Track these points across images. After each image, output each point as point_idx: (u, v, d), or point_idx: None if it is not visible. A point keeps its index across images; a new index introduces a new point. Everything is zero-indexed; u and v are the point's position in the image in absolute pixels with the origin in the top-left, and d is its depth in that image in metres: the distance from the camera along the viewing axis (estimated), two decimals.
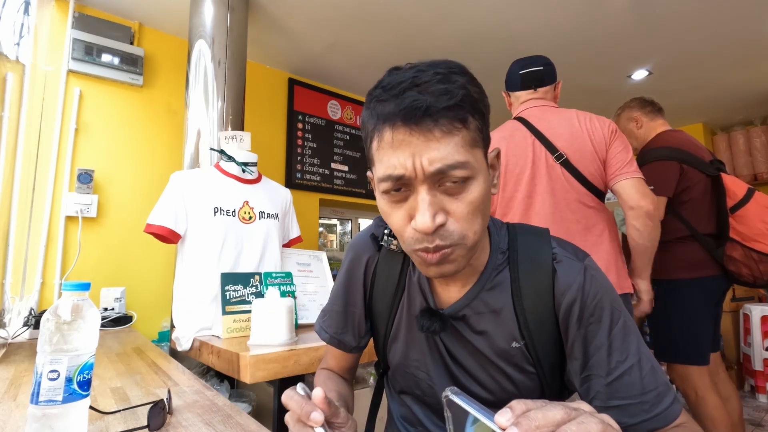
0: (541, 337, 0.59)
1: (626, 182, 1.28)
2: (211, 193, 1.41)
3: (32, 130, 1.92)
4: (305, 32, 2.41)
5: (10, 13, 1.76)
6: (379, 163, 0.51)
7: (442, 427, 0.67)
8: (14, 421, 0.65)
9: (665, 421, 0.52)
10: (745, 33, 2.42)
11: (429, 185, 0.48)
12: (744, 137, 3.81)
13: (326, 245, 3.84)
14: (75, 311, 0.54)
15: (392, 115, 0.48)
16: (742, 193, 1.59)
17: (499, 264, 0.61)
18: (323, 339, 0.76)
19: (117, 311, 1.72)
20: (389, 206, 0.52)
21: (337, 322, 0.74)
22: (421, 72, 0.48)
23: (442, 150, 0.47)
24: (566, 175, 1.30)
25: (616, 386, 0.54)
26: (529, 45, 2.48)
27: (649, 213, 1.29)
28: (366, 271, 0.71)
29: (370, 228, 0.73)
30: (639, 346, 0.56)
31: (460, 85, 0.48)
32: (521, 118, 1.40)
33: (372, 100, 0.51)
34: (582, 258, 0.60)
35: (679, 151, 1.62)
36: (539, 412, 0.29)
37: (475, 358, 0.62)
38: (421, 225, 0.48)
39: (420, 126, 0.47)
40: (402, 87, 0.48)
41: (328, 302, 0.77)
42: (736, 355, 3.13)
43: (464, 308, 0.61)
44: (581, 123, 1.33)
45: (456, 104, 0.47)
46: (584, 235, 1.29)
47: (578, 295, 0.57)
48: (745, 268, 1.55)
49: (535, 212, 1.31)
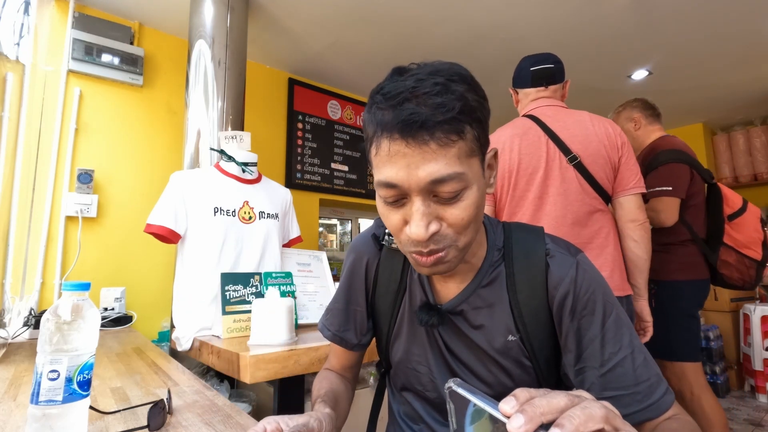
0: (535, 331, 0.61)
1: (633, 197, 1.32)
2: (211, 193, 1.41)
3: (32, 130, 1.92)
4: (305, 32, 2.41)
5: (10, 13, 1.76)
6: (376, 169, 0.52)
7: (443, 422, 0.67)
8: (14, 421, 0.65)
9: (658, 411, 0.53)
10: (745, 33, 2.42)
11: (423, 196, 0.50)
12: (744, 137, 3.81)
13: (326, 245, 3.84)
14: (75, 311, 0.54)
15: (390, 126, 0.48)
16: (740, 202, 1.69)
17: (495, 260, 0.63)
18: (326, 336, 0.78)
19: (117, 311, 1.72)
20: (386, 209, 0.54)
21: (340, 320, 0.76)
22: (421, 82, 0.48)
23: (437, 163, 0.48)
24: (579, 178, 1.30)
25: (610, 377, 0.55)
26: (529, 45, 2.48)
27: (645, 225, 1.34)
28: (367, 270, 0.73)
29: (371, 228, 0.75)
30: (632, 338, 0.57)
31: (458, 96, 0.48)
32: (533, 116, 1.38)
33: (373, 105, 0.52)
34: (574, 253, 0.62)
35: (688, 156, 1.68)
36: (543, 399, 0.29)
37: (473, 353, 0.64)
38: (415, 235, 0.50)
39: (416, 139, 0.47)
40: (401, 98, 0.48)
41: (331, 301, 0.79)
42: (736, 355, 3.13)
43: (462, 303, 0.63)
44: (595, 126, 1.33)
45: (452, 117, 0.47)
46: (592, 238, 1.29)
47: (571, 288, 0.58)
48: (737, 272, 1.66)
49: (545, 213, 1.30)
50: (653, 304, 1.66)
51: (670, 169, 1.63)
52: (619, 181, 1.33)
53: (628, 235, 1.33)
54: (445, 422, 0.67)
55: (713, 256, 1.65)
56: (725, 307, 3.16)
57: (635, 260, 1.35)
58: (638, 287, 1.38)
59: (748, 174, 3.78)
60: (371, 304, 0.74)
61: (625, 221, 1.33)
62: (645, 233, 1.34)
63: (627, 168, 1.33)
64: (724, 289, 3.03)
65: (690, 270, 1.65)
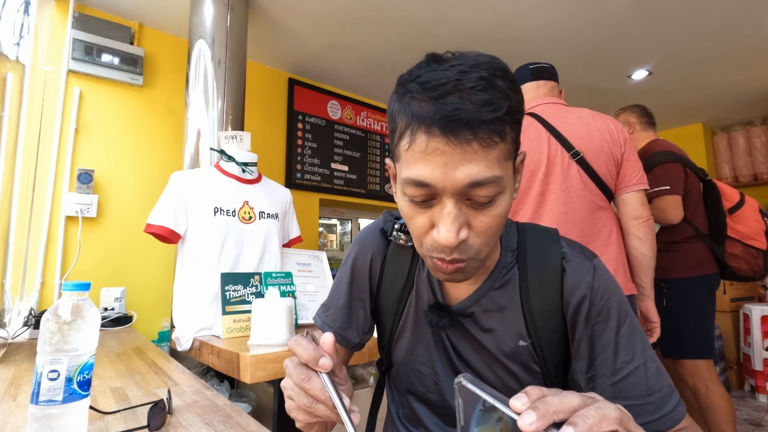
0: (547, 336, 0.59)
1: (636, 193, 1.32)
2: (211, 193, 1.41)
3: (32, 130, 1.92)
4: (305, 32, 2.41)
5: (10, 13, 1.77)
6: (406, 164, 0.48)
7: (443, 427, 0.66)
8: (14, 421, 0.65)
9: (670, 423, 0.52)
10: (745, 33, 2.42)
11: (456, 198, 0.46)
12: (744, 137, 3.81)
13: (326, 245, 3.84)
14: (75, 311, 0.54)
15: (429, 120, 0.44)
16: (737, 196, 1.74)
17: (509, 262, 0.61)
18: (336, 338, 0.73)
19: (117, 311, 1.72)
20: (411, 209, 0.50)
21: (342, 317, 0.71)
22: (464, 74, 0.44)
23: (477, 165, 0.44)
24: (581, 174, 1.28)
25: (622, 386, 0.54)
26: (529, 45, 2.48)
27: (650, 222, 1.33)
28: (372, 266, 0.69)
29: (378, 222, 0.71)
30: (645, 347, 0.56)
31: (504, 94, 0.45)
32: (533, 114, 1.37)
33: (406, 94, 0.47)
34: (591, 258, 0.60)
35: (680, 156, 1.73)
36: (556, 398, 0.29)
37: (481, 356, 0.62)
38: (444, 240, 0.47)
39: (458, 137, 0.44)
40: (443, 90, 0.44)
41: (331, 296, 0.74)
42: (736, 355, 3.13)
43: (473, 305, 0.61)
44: (597, 122, 1.32)
45: (498, 117, 0.44)
46: (595, 235, 1.28)
47: (587, 293, 0.57)
48: (745, 264, 1.68)
49: (547, 210, 1.28)
50: (664, 303, 1.68)
51: (664, 169, 1.68)
52: (622, 178, 1.32)
53: (632, 233, 1.32)
54: (446, 427, 0.66)
55: (720, 249, 1.68)
56: (725, 307, 3.15)
57: (640, 258, 1.33)
58: (643, 286, 1.36)
59: (748, 174, 3.78)
60: (375, 302, 0.71)
61: (629, 218, 1.31)
62: (649, 230, 1.32)
63: (630, 164, 1.31)
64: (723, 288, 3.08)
65: (699, 266, 1.69)
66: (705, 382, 1.64)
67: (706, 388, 1.64)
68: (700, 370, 1.65)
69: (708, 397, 1.63)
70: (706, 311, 1.70)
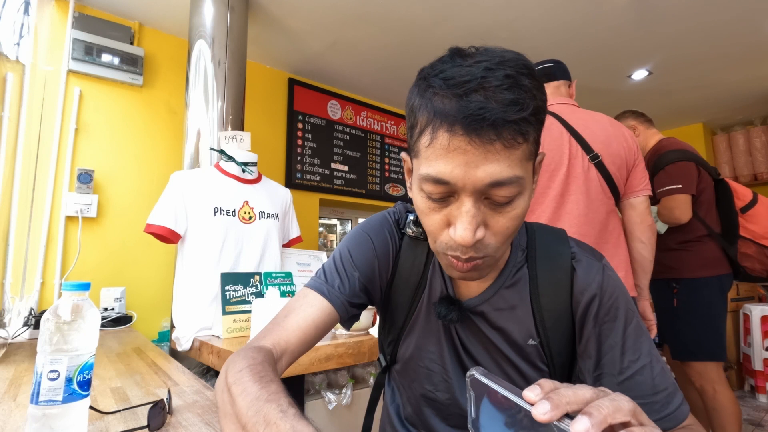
0: (555, 335, 0.59)
1: (644, 198, 1.34)
2: (211, 193, 1.41)
3: (32, 130, 1.92)
4: (305, 32, 2.41)
5: (10, 13, 1.77)
6: (426, 160, 0.47)
7: (449, 427, 0.66)
8: (14, 421, 0.65)
9: (675, 421, 0.53)
10: (745, 33, 2.42)
11: (475, 197, 0.46)
12: (744, 137, 3.81)
13: (326, 245, 3.84)
14: (75, 311, 0.54)
15: (452, 118, 0.43)
16: (750, 195, 1.72)
17: (519, 261, 0.61)
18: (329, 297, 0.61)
19: (117, 311, 1.72)
20: (428, 206, 0.49)
21: (351, 287, 0.62)
22: (490, 72, 0.43)
23: (500, 164, 0.44)
24: (599, 177, 1.29)
25: (628, 385, 0.54)
26: (529, 45, 2.48)
27: (653, 227, 1.36)
28: (381, 258, 0.65)
29: (391, 213, 0.68)
30: (650, 347, 0.56)
31: (530, 94, 0.44)
32: (552, 113, 1.36)
33: (428, 89, 0.46)
34: (599, 258, 0.61)
35: (694, 154, 1.71)
36: (569, 390, 0.29)
37: (490, 353, 0.62)
38: (461, 239, 0.46)
39: (481, 136, 0.43)
40: (468, 87, 0.43)
41: (337, 263, 0.65)
42: (736, 355, 3.13)
43: (483, 303, 0.61)
44: (614, 128, 1.34)
45: (523, 118, 0.43)
46: (607, 238, 1.29)
47: (597, 293, 0.57)
48: (759, 264, 1.66)
49: (566, 211, 1.27)
50: (675, 303, 1.68)
51: (678, 167, 1.67)
52: (631, 183, 1.34)
53: (636, 237, 1.34)
54: (451, 428, 0.66)
55: (732, 249, 1.66)
56: None
57: (642, 262, 1.36)
58: (642, 288, 1.39)
59: (748, 174, 3.78)
60: (386, 296, 0.68)
61: (636, 222, 1.34)
62: (653, 235, 1.35)
63: (639, 170, 1.35)
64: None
65: (712, 266, 1.66)
66: (713, 384, 1.62)
67: (714, 390, 1.62)
68: (709, 372, 1.64)
69: (715, 398, 1.62)
70: (718, 312, 1.66)
